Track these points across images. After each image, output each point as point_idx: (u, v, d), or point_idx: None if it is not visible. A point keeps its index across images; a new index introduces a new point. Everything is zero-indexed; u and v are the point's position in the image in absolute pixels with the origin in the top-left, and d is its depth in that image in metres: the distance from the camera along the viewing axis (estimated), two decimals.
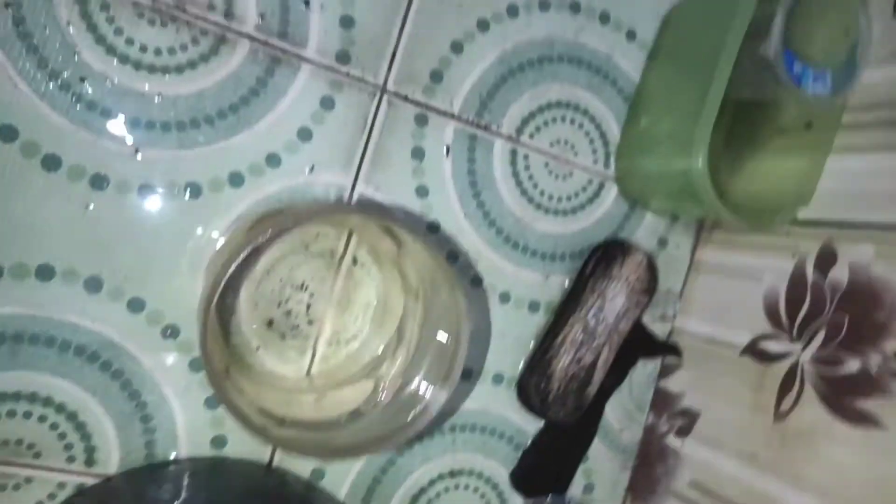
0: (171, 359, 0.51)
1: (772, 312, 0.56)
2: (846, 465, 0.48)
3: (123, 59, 0.48)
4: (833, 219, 0.54)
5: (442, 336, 0.53)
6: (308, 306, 0.56)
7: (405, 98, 0.56)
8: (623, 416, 0.66)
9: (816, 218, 0.56)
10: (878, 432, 0.46)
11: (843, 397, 0.49)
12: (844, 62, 0.56)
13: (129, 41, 0.48)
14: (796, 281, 0.55)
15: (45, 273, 0.47)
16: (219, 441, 0.53)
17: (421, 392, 0.53)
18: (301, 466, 0.56)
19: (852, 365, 0.48)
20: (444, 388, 0.51)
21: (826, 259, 0.53)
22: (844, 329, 0.49)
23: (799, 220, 0.57)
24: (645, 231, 0.66)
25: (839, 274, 0.52)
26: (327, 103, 0.54)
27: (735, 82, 0.53)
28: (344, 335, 0.57)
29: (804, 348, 0.52)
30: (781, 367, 0.53)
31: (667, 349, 0.63)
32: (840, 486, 0.48)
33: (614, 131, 0.64)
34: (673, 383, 0.64)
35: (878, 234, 0.50)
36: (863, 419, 0.48)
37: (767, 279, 0.57)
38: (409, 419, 0.51)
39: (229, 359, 0.51)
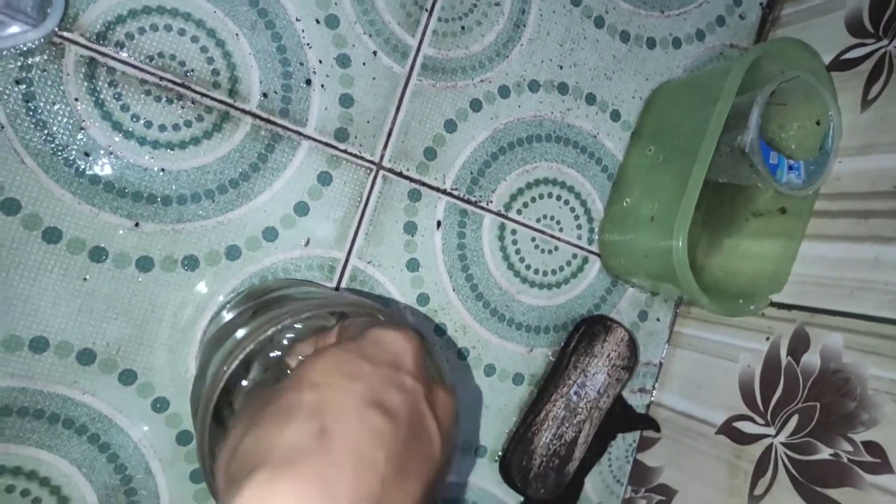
0: (159, 432, 0.51)
1: (747, 393, 0.58)
2: None
3: (128, 135, 0.49)
4: (806, 304, 0.57)
5: None
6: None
7: (400, 174, 0.58)
8: (602, 488, 0.67)
9: (790, 302, 0.58)
10: None
11: (815, 486, 0.50)
12: (816, 152, 0.59)
13: (135, 117, 0.49)
14: (770, 364, 0.57)
15: (38, 345, 0.48)
16: None
17: None
18: None
19: (824, 454, 0.50)
20: None
21: (799, 344, 0.56)
22: (816, 417, 0.51)
23: (773, 301, 0.59)
24: (627, 304, 0.68)
25: (811, 360, 0.54)
26: (324, 179, 0.55)
27: (714, 167, 0.56)
28: None
29: (777, 433, 0.54)
30: (756, 450, 0.55)
31: (647, 423, 0.64)
32: None
33: (598, 208, 0.67)
34: (651, 458, 0.66)
35: (847, 322, 0.53)
36: None
37: (743, 359, 0.60)
38: None
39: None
